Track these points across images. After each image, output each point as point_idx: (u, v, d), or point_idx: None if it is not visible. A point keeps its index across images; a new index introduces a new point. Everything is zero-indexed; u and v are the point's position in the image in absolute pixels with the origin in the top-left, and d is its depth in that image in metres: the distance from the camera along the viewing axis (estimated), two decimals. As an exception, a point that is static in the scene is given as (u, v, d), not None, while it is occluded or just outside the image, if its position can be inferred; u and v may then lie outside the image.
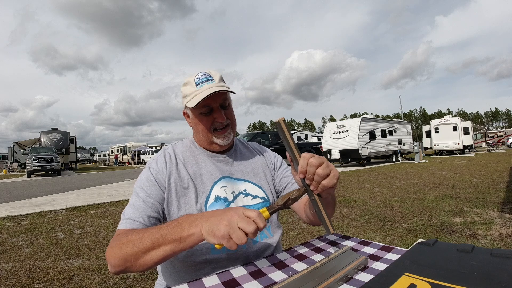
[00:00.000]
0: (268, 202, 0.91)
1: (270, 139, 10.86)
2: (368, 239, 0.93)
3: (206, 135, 0.87)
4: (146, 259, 0.62)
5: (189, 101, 0.83)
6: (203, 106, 0.83)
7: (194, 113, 0.86)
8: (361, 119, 14.69)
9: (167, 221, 0.80)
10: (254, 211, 0.55)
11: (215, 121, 0.85)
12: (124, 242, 0.64)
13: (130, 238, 0.64)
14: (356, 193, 5.97)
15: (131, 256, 0.62)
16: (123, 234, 0.68)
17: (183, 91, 0.88)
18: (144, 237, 0.62)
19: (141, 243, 0.61)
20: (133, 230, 0.69)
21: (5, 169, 22.30)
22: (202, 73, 0.86)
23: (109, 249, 0.67)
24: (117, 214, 4.74)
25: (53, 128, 23.33)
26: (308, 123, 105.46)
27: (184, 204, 0.81)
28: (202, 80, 0.84)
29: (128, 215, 0.75)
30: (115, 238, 0.69)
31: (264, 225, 0.54)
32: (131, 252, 0.62)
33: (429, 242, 0.66)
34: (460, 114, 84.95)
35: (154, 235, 0.61)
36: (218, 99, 0.84)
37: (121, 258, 0.63)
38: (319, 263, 0.59)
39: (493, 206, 4.11)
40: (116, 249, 0.65)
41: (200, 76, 0.85)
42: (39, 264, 2.59)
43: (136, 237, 0.63)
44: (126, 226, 0.73)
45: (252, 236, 0.53)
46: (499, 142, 33.30)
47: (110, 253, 0.65)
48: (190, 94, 0.84)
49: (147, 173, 0.82)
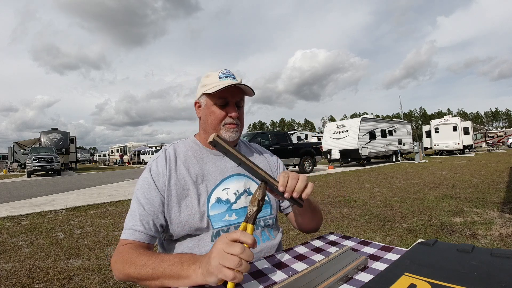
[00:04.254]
0: (269, 204, 0.91)
1: (270, 139, 10.84)
2: (368, 239, 0.92)
3: (215, 127, 0.85)
4: (146, 283, 0.65)
5: (208, 89, 0.83)
6: (220, 97, 0.83)
7: (209, 102, 0.86)
8: (361, 119, 14.69)
9: (169, 225, 0.80)
10: (236, 233, 0.55)
11: (227, 115, 0.85)
12: (128, 262, 0.67)
13: (133, 260, 0.67)
14: (356, 193, 5.97)
15: (132, 278, 0.67)
16: (126, 251, 0.71)
17: (204, 81, 0.87)
18: (145, 265, 0.65)
19: (142, 270, 0.64)
20: (137, 251, 0.70)
21: (5, 169, 22.29)
22: (227, 70, 0.87)
23: (113, 261, 0.71)
24: (117, 214, 4.74)
25: (53, 128, 23.31)
26: (308, 123, 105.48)
27: (185, 206, 0.80)
28: (226, 75, 0.85)
29: (129, 224, 0.76)
30: (119, 251, 0.72)
31: (252, 240, 0.53)
32: (132, 274, 0.66)
33: (429, 242, 0.66)
34: (460, 114, 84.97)
35: (155, 265, 0.64)
36: (237, 96, 0.85)
37: (124, 275, 0.68)
38: (319, 263, 0.59)
39: (493, 206, 4.11)
40: (119, 265, 0.69)
41: (224, 72, 0.86)
42: (39, 264, 2.59)
43: (138, 261, 0.66)
44: (128, 237, 0.75)
45: (246, 257, 0.52)
46: (499, 142, 33.31)
47: (115, 266, 0.70)
48: (211, 84, 0.84)
49: (147, 176, 0.82)
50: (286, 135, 11.72)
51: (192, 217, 0.79)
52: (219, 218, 0.81)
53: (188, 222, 0.79)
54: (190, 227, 0.79)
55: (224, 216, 0.82)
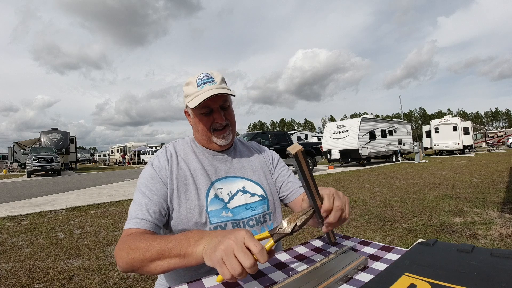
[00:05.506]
0: (266, 200, 0.91)
1: (270, 139, 10.84)
2: (368, 239, 0.93)
3: (206, 134, 0.89)
4: (151, 267, 0.63)
5: (190, 101, 0.85)
6: (203, 107, 0.85)
7: (195, 113, 0.88)
8: (361, 119, 14.69)
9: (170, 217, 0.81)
10: (257, 245, 0.49)
11: (214, 121, 0.87)
12: (132, 247, 0.66)
13: (137, 245, 0.65)
14: (356, 193, 5.97)
15: (137, 263, 0.64)
16: (131, 238, 0.69)
17: (185, 90, 0.89)
18: (151, 247, 0.63)
19: (147, 252, 0.63)
20: (142, 236, 0.69)
21: (5, 169, 22.29)
22: (204, 74, 0.88)
23: (117, 250, 0.69)
24: (117, 214, 4.74)
25: (53, 128, 23.30)
26: (308, 123, 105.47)
27: (185, 200, 0.82)
28: (203, 81, 0.86)
29: (135, 214, 0.76)
30: (124, 240, 0.70)
31: (265, 261, 0.49)
32: (137, 259, 0.64)
33: (429, 242, 0.66)
34: (460, 114, 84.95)
35: (161, 246, 0.62)
36: (218, 101, 0.86)
37: (127, 262, 0.65)
38: (319, 263, 0.59)
39: (493, 206, 4.11)
40: (124, 252, 0.67)
41: (202, 77, 0.87)
42: (39, 264, 2.59)
43: (143, 245, 0.65)
44: (133, 226, 0.74)
45: (250, 271, 0.48)
46: (499, 142, 33.30)
47: (118, 255, 0.68)
48: (191, 94, 0.86)
49: (151, 170, 0.84)
50: (286, 135, 11.72)
51: (192, 211, 0.81)
52: (217, 214, 0.82)
53: (187, 216, 0.80)
54: (189, 221, 0.80)
55: (221, 213, 0.83)
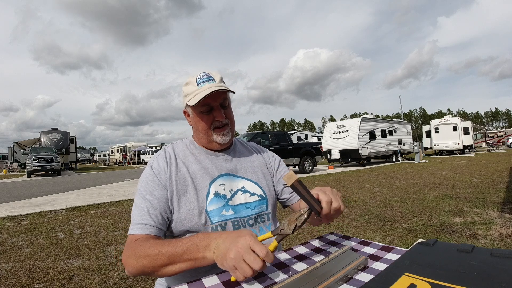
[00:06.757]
0: (265, 200, 0.92)
1: (270, 139, 10.83)
2: (368, 239, 0.93)
3: (206, 133, 0.89)
4: (163, 272, 0.66)
5: (190, 99, 0.85)
6: (203, 105, 0.85)
7: (195, 112, 0.88)
8: (361, 119, 14.69)
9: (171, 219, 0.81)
10: (263, 249, 0.55)
11: (215, 119, 0.87)
12: (141, 255, 0.67)
13: (146, 252, 0.67)
14: (356, 193, 5.97)
15: (148, 269, 0.67)
16: (138, 245, 0.70)
17: (185, 90, 0.89)
18: (160, 254, 0.65)
19: (158, 260, 0.65)
20: (148, 242, 0.70)
21: (5, 169, 22.28)
22: (204, 73, 0.88)
23: (125, 257, 0.70)
24: (117, 214, 4.74)
25: (53, 128, 23.28)
26: (308, 123, 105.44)
27: (184, 201, 0.82)
28: (203, 80, 0.86)
29: (138, 219, 0.76)
30: (130, 247, 0.71)
31: (272, 261, 0.57)
32: (148, 266, 0.67)
33: (429, 242, 0.66)
34: (460, 114, 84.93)
35: (170, 252, 0.65)
36: (218, 99, 0.86)
37: (138, 269, 0.68)
38: (319, 263, 0.59)
39: (493, 206, 4.11)
40: (132, 260, 0.68)
41: (201, 76, 0.87)
42: (39, 264, 2.59)
43: (152, 252, 0.66)
44: (138, 232, 0.75)
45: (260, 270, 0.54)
46: (499, 142, 33.29)
47: (128, 262, 0.70)
48: (191, 93, 0.86)
49: (150, 173, 0.84)
50: (286, 135, 11.71)
51: (191, 212, 0.81)
52: (217, 213, 0.83)
53: (186, 217, 0.81)
54: (189, 222, 0.80)
55: (222, 211, 0.83)
